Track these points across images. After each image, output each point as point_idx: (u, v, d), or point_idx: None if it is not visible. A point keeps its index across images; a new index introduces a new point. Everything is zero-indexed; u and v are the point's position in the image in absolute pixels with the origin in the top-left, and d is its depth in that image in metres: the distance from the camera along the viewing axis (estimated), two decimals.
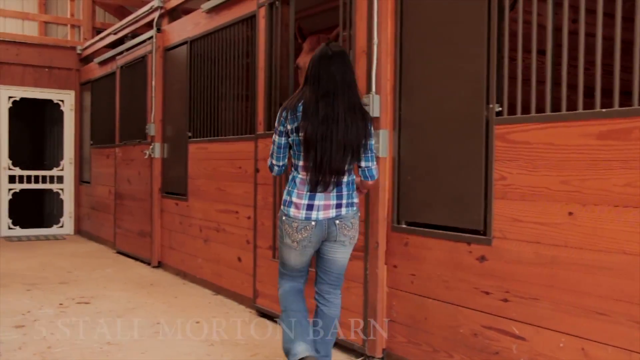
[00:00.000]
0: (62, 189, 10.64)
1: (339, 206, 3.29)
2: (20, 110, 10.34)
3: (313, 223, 3.27)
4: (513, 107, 3.21)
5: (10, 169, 10.10)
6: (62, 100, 10.55)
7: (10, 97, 10.06)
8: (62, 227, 10.67)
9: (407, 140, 3.80)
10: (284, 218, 3.35)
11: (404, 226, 3.83)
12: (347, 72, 3.25)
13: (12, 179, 10.13)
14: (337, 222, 3.28)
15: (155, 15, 7.30)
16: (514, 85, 3.18)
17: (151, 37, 7.30)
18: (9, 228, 10.15)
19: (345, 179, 3.30)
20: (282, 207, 3.39)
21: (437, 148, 3.60)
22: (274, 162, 3.46)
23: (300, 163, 3.29)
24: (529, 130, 3.07)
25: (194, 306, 5.46)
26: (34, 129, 12.05)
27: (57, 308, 5.31)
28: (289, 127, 3.27)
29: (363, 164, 3.35)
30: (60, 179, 10.61)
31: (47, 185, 10.58)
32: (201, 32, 6.27)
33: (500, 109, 3.24)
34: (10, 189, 10.12)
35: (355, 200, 3.38)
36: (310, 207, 3.27)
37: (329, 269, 3.43)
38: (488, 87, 3.28)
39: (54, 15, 11.32)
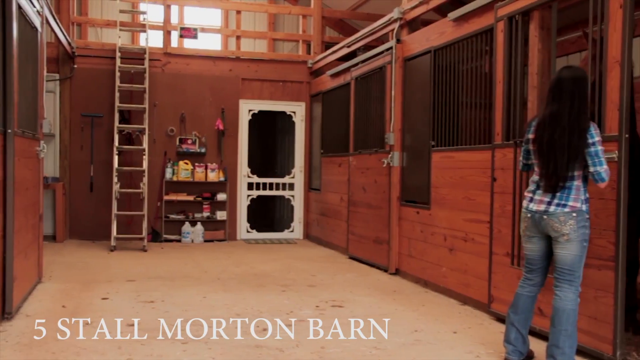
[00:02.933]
0: (292, 196, 11.29)
1: (549, 203, 3.78)
2: (254, 121, 11.17)
3: (529, 215, 3.90)
4: None
5: (248, 176, 10.96)
6: (294, 112, 11.21)
7: (249, 110, 10.93)
8: (292, 231, 11.31)
9: None
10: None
11: None
12: (573, 94, 3.74)
13: (249, 186, 10.99)
14: (545, 217, 3.78)
15: (395, 26, 7.44)
16: None
17: (390, 48, 7.45)
18: (247, 231, 11.00)
19: (566, 183, 3.74)
20: None
21: None
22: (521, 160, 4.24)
23: (536, 168, 3.97)
24: None
25: (445, 315, 5.44)
26: (266, 139, 12.98)
27: (315, 310, 5.59)
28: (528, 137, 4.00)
29: (591, 169, 3.72)
30: (291, 186, 11.27)
31: (279, 192, 11.30)
32: (446, 41, 6.26)
33: None
34: (248, 195, 10.98)
35: (570, 203, 3.72)
36: (530, 200, 3.93)
37: (555, 263, 3.87)
38: None
39: (287, 33, 12.12)
